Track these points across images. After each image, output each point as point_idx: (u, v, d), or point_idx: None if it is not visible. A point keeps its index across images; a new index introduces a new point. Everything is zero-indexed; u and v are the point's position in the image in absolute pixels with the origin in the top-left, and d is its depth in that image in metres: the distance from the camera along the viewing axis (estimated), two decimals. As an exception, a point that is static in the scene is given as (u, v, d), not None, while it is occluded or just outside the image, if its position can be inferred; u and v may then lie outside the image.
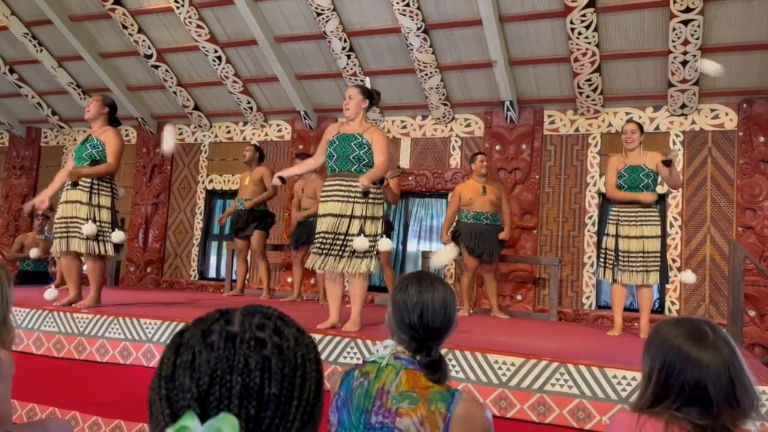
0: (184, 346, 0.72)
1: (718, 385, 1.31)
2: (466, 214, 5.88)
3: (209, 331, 0.72)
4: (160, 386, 0.70)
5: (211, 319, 0.74)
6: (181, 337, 0.73)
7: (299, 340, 0.75)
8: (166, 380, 0.70)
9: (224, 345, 0.70)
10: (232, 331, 0.72)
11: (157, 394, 0.70)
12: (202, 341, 0.71)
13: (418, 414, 1.51)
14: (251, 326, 0.73)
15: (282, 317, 0.77)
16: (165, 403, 0.69)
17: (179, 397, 0.68)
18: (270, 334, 0.73)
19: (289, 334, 0.74)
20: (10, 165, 9.75)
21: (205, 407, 0.67)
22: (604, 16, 5.94)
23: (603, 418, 2.92)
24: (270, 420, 0.68)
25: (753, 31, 5.70)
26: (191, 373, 0.69)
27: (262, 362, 0.70)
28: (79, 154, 4.62)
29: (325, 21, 6.68)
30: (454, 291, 1.75)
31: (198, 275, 8.43)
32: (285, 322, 0.76)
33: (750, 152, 6.17)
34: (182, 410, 0.67)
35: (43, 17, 7.62)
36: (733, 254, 5.12)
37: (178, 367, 0.70)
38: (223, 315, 0.75)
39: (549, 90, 6.79)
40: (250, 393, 0.68)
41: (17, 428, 2.26)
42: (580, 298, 6.67)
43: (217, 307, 0.78)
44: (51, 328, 4.19)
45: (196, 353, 0.70)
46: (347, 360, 3.50)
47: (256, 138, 8.27)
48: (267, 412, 0.68)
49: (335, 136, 4.01)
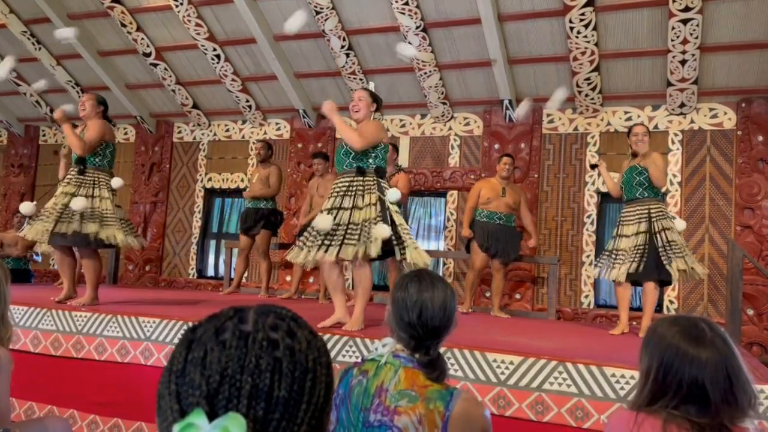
0: (196, 342, 0.72)
1: (716, 383, 1.32)
2: (480, 212, 5.92)
3: (222, 329, 0.72)
4: (170, 381, 0.70)
5: (225, 317, 0.74)
6: (194, 333, 0.73)
7: (312, 342, 0.75)
8: (176, 375, 0.70)
9: (236, 344, 0.70)
10: (245, 330, 0.71)
11: (167, 389, 0.70)
12: (214, 338, 0.71)
13: (417, 412, 1.52)
14: (264, 326, 0.72)
15: (295, 318, 0.77)
16: (174, 398, 0.69)
17: (188, 393, 0.68)
18: (283, 336, 0.72)
19: (302, 336, 0.74)
20: (8, 163, 9.73)
21: (213, 405, 0.67)
22: (603, 15, 5.94)
23: (601, 416, 2.92)
24: (278, 422, 0.67)
25: (752, 31, 5.70)
26: (202, 369, 0.69)
27: (273, 363, 0.69)
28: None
29: (324, 19, 6.68)
30: (455, 290, 1.75)
31: (196, 274, 8.43)
32: (298, 323, 0.76)
33: (748, 151, 6.17)
34: (191, 407, 0.67)
35: (42, 15, 7.61)
36: (732, 253, 5.13)
37: (189, 363, 0.70)
38: (237, 313, 0.75)
39: (548, 89, 6.76)
40: (259, 394, 0.67)
41: (16, 426, 2.26)
42: (579, 297, 6.68)
43: (215, 306, 0.78)
44: (49, 326, 4.19)
45: (207, 350, 0.70)
46: (346, 358, 3.50)
47: (255, 137, 8.26)
48: (275, 414, 0.67)
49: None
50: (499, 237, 5.85)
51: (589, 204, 6.76)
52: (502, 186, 5.94)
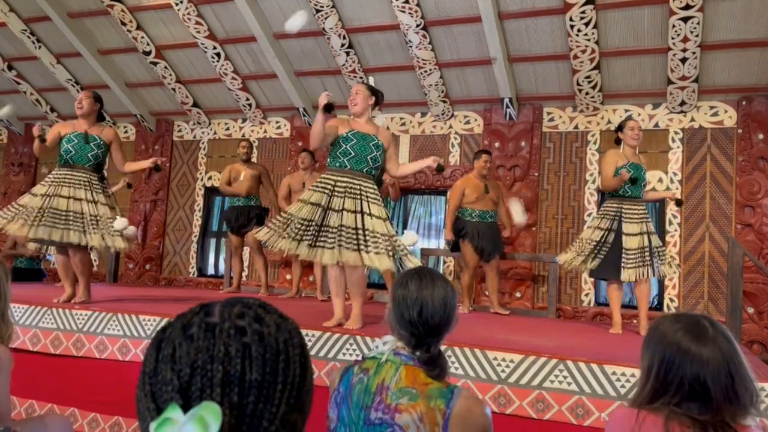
0: (165, 340, 0.73)
1: (718, 380, 1.31)
2: (471, 212, 5.87)
3: (189, 324, 0.73)
4: (144, 382, 0.71)
5: (191, 313, 0.75)
6: (163, 333, 0.74)
7: (281, 326, 0.75)
8: (149, 376, 0.71)
9: (204, 335, 0.70)
10: (211, 321, 0.72)
11: (142, 391, 0.71)
12: (182, 334, 0.72)
13: (418, 410, 1.51)
14: (231, 315, 0.73)
15: (263, 305, 0.77)
16: (150, 398, 0.70)
17: (162, 391, 0.69)
18: (250, 322, 0.73)
19: (270, 320, 0.74)
20: (8, 162, 9.74)
21: (187, 398, 0.67)
22: (603, 13, 5.94)
23: (602, 414, 2.92)
24: (254, 405, 0.68)
25: (752, 28, 5.69)
26: (172, 365, 0.69)
27: (242, 349, 0.70)
28: (83, 154, 4.58)
29: (324, 18, 6.67)
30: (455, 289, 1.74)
31: (197, 272, 8.43)
32: (266, 309, 0.76)
33: (749, 149, 6.16)
34: (166, 403, 0.67)
35: (42, 14, 7.60)
36: (732, 252, 5.12)
37: (160, 361, 0.71)
38: (203, 308, 0.76)
39: (548, 87, 6.78)
40: (231, 380, 0.68)
41: (16, 424, 2.26)
42: (579, 295, 6.67)
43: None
44: (49, 324, 4.19)
45: (176, 346, 0.71)
46: (346, 357, 3.50)
47: (255, 135, 8.26)
48: (250, 397, 0.68)
49: (350, 133, 3.92)
50: (490, 236, 5.84)
51: (589, 202, 6.75)
52: (484, 183, 5.92)
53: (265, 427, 0.68)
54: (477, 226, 5.82)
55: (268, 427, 0.68)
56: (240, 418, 0.67)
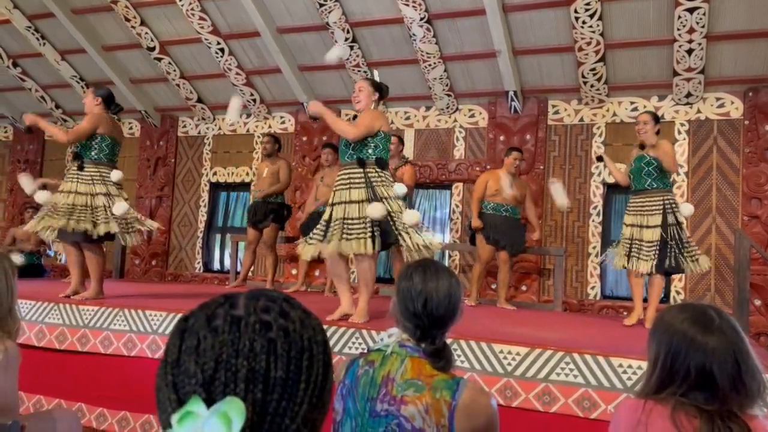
0: (188, 331, 0.72)
1: (724, 369, 1.30)
2: (487, 204, 5.91)
3: (213, 316, 0.72)
4: (167, 372, 0.70)
5: (216, 304, 0.74)
6: (186, 323, 0.73)
7: (305, 322, 0.74)
8: (171, 366, 0.70)
9: (229, 329, 0.70)
10: (236, 314, 0.71)
11: (164, 380, 0.70)
12: (206, 326, 0.71)
13: (423, 402, 1.51)
14: (256, 309, 0.72)
15: (287, 299, 0.76)
16: (171, 389, 0.69)
17: (185, 383, 0.68)
18: (275, 317, 0.72)
19: (295, 316, 0.74)
20: (14, 159, 9.78)
21: (210, 392, 0.66)
22: (608, 5, 5.90)
23: (608, 407, 2.91)
24: (277, 403, 0.67)
25: (758, 19, 5.64)
26: (196, 358, 0.69)
27: (267, 345, 0.69)
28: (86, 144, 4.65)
29: (327, 12, 6.65)
30: (460, 280, 1.74)
31: (202, 267, 8.45)
32: (291, 304, 0.76)
33: (756, 141, 6.13)
34: (188, 395, 0.67)
35: (46, 10, 7.60)
36: (739, 244, 5.10)
37: (183, 352, 0.70)
38: (227, 299, 0.74)
39: (553, 80, 6.75)
40: (255, 376, 0.67)
41: (25, 419, 2.27)
42: (585, 288, 6.66)
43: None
44: (55, 320, 4.20)
45: (200, 338, 0.70)
46: (352, 350, 3.50)
47: (260, 130, 8.26)
48: (273, 395, 0.67)
49: None
50: (505, 229, 5.84)
51: (595, 195, 6.73)
52: (509, 179, 5.92)
53: (286, 425, 0.68)
54: (491, 218, 5.85)
55: (290, 426, 0.68)
56: (262, 415, 0.66)
